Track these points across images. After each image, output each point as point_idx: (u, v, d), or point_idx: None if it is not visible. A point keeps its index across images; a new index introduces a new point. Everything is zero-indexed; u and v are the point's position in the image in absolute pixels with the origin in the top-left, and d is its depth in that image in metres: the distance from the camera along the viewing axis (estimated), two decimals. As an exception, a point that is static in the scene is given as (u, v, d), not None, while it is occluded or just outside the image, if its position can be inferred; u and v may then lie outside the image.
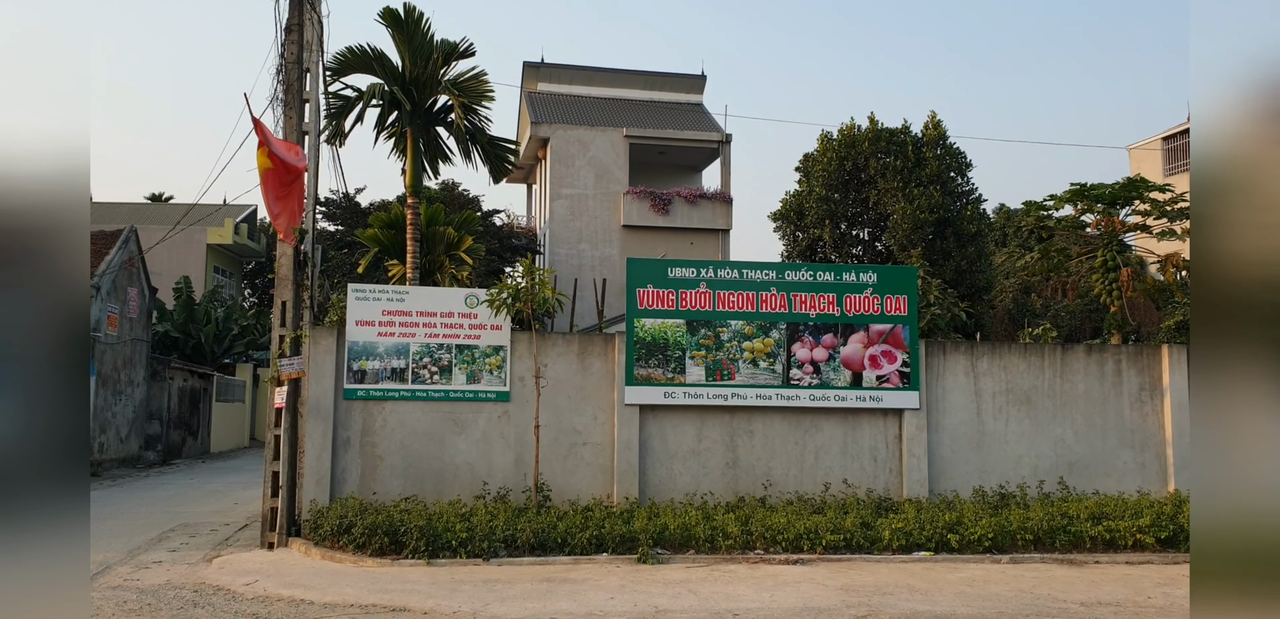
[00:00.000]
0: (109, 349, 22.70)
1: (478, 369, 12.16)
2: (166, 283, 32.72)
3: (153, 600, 8.14)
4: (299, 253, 11.72)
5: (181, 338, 29.75)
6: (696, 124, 34.17)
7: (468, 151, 15.62)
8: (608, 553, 10.21)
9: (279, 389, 11.58)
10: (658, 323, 12.46)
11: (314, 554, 10.47)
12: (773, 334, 12.72)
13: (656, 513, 11.27)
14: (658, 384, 12.37)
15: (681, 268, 12.69)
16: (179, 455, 27.01)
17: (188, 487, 19.17)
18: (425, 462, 11.94)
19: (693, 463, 12.46)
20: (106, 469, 22.03)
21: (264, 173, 10.59)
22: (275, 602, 8.23)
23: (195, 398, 28.79)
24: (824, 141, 28.44)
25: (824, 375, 12.73)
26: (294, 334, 11.69)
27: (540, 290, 12.04)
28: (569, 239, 31.10)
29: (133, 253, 24.28)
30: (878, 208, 26.64)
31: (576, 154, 31.88)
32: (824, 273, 13.06)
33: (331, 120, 14.25)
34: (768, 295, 12.74)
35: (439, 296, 12.40)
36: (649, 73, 36.89)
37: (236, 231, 39.48)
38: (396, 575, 9.34)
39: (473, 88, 14.83)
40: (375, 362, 11.93)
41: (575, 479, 12.16)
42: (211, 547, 11.29)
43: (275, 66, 11.42)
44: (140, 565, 9.91)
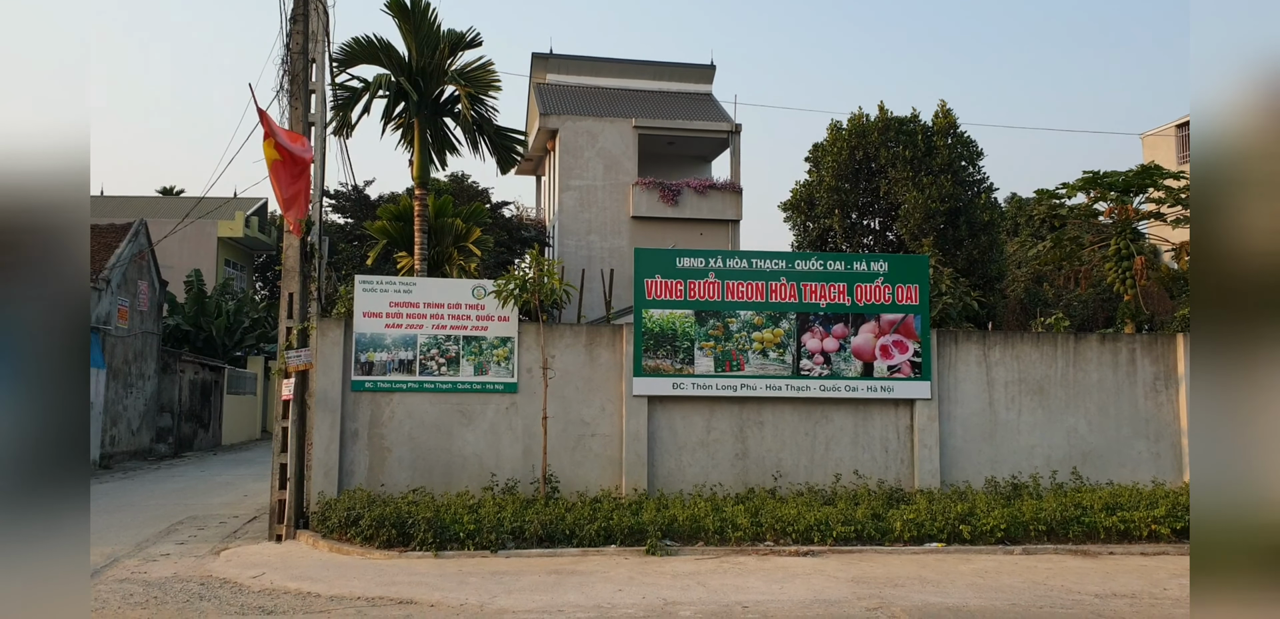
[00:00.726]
0: (120, 342, 22.77)
1: (485, 360, 12.10)
2: (178, 276, 32.85)
3: (159, 594, 8.12)
4: (306, 244, 11.67)
5: (193, 331, 29.85)
6: (706, 114, 34.02)
7: (475, 142, 15.55)
8: (616, 545, 10.15)
9: (286, 381, 11.55)
10: (666, 313, 12.37)
11: (322, 546, 10.44)
12: (783, 324, 12.61)
13: (665, 504, 11.19)
14: (666, 375, 12.29)
15: (690, 258, 12.59)
16: (190, 448, 27.11)
17: (198, 479, 19.22)
18: (433, 453, 11.90)
19: (702, 454, 12.37)
20: (118, 462, 22.12)
21: (272, 165, 10.54)
22: (281, 595, 8.20)
23: (206, 391, 28.89)
24: (833, 131, 28.33)
25: (835, 366, 12.62)
26: (301, 326, 11.65)
27: (548, 281, 11.97)
28: (578, 230, 31.02)
29: (142, 246, 24.34)
30: (888, 197, 26.49)
31: (585, 145, 31.79)
32: (834, 262, 12.94)
33: (338, 111, 14.20)
34: (777, 285, 12.63)
35: (446, 288, 12.35)
36: (658, 63, 36.78)
37: (247, 225, 39.59)
38: (404, 567, 9.30)
39: (479, 78, 14.74)
40: (383, 353, 11.89)
41: (583, 470, 12.10)
42: (219, 539, 11.28)
43: (280, 57, 11.37)
44: (147, 558, 9.90)
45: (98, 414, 20.98)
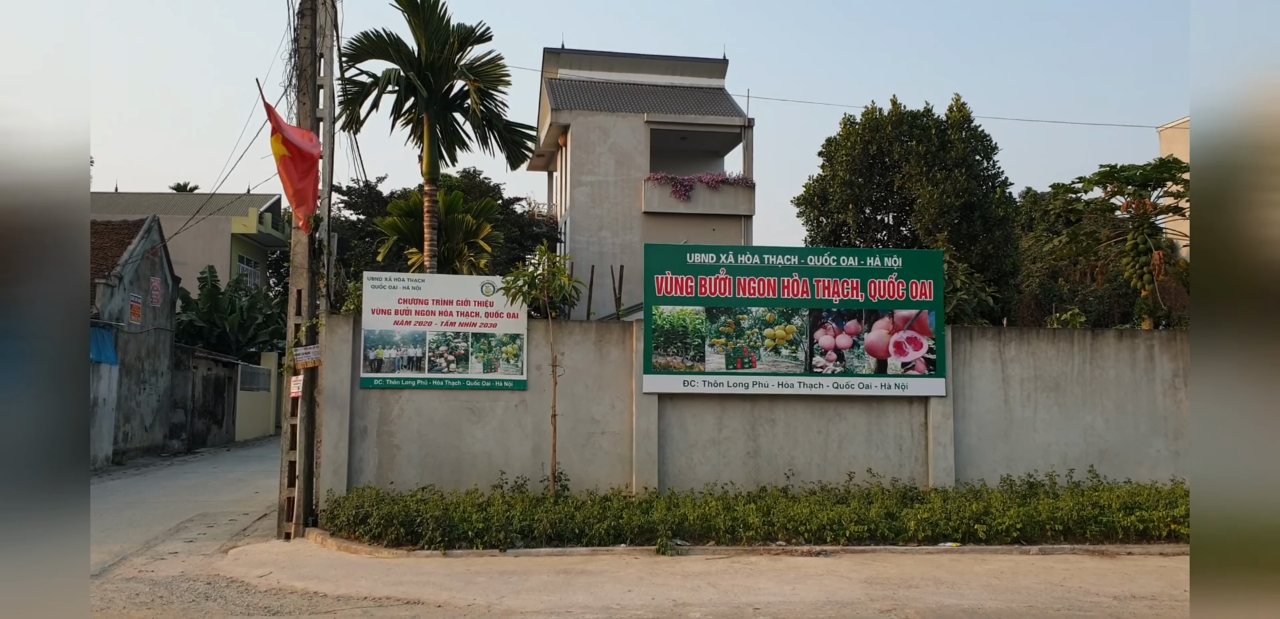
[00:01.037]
0: (132, 338, 22.83)
1: (494, 358, 12.02)
2: (191, 273, 32.93)
3: (165, 593, 8.08)
4: (314, 241, 11.62)
5: (206, 327, 29.93)
6: (718, 109, 33.85)
7: (485, 137, 15.46)
8: (626, 544, 10.04)
9: (295, 378, 11.51)
10: (677, 310, 12.25)
11: (330, 545, 10.39)
12: (795, 321, 12.47)
13: (676, 503, 11.08)
14: (677, 372, 12.17)
15: (701, 254, 12.46)
16: (204, 443, 27.20)
17: (210, 475, 19.26)
18: (443, 451, 11.83)
19: (713, 452, 12.25)
20: (131, 458, 22.19)
21: (280, 160, 10.48)
22: (288, 594, 8.14)
23: (220, 386, 28.98)
24: (847, 125, 28.20)
25: (848, 363, 12.47)
26: (310, 323, 11.60)
27: (557, 278, 11.87)
28: (590, 226, 30.91)
29: (155, 242, 24.40)
30: (902, 192, 26.31)
31: (597, 141, 31.67)
32: (847, 257, 12.79)
33: (347, 107, 14.13)
34: (790, 281, 12.49)
35: (455, 284, 12.27)
36: (670, 58, 36.59)
37: (260, 221, 39.68)
38: (412, 567, 9.23)
39: (489, 72, 14.65)
40: (392, 350, 11.82)
41: (593, 468, 12.01)
42: (228, 537, 11.25)
43: (288, 51, 11.31)
44: (156, 557, 9.87)
45: (111, 411, 21.05)
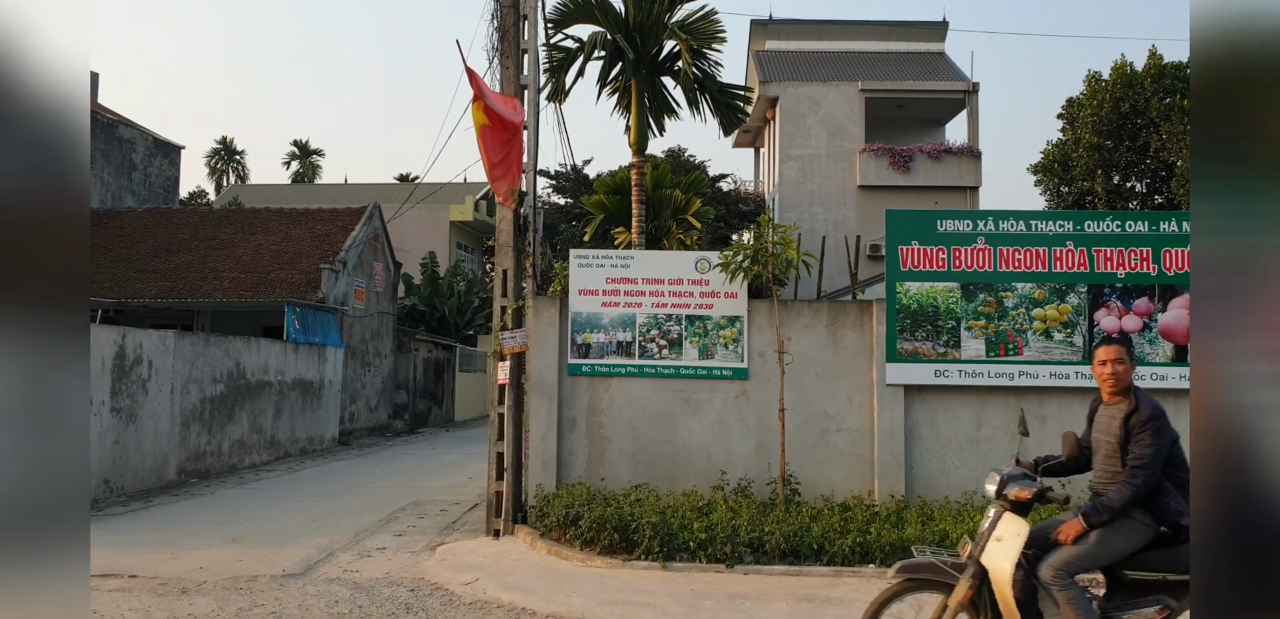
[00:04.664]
0: (356, 322, 23.63)
1: (711, 343, 10.76)
2: (413, 260, 34.27)
3: (365, 601, 7.41)
4: (519, 217, 10.83)
5: (427, 311, 30.94)
6: (938, 73, 31.10)
7: (695, 101, 14.21)
8: (875, 564, 8.45)
9: (502, 364, 10.77)
10: (925, 287, 10.45)
11: (539, 547, 9.53)
12: (1070, 299, 10.34)
13: (930, 515, 9.35)
14: (926, 360, 10.39)
15: (954, 220, 10.57)
16: (425, 423, 28.03)
17: (427, 457, 19.42)
18: (656, 445, 10.72)
19: (971, 454, 10.37)
20: (356, 438, 22.99)
21: (480, 130, 9.70)
22: (494, 609, 7.25)
23: (439, 368, 29.81)
24: (1092, 83, 25.21)
25: (1137, 349, 10.18)
26: (516, 305, 10.84)
27: (783, 250, 10.38)
28: (800, 202, 29.18)
29: (376, 229, 25.20)
30: (1160, 156, 22.89)
31: (807, 112, 29.87)
32: (1135, 222, 10.48)
33: (552, 75, 13.34)
34: (1062, 252, 10.36)
35: (666, 261, 11.11)
36: (885, 23, 34.14)
37: (476, 208, 40.89)
38: (628, 581, 8.12)
39: (701, 29, 13.37)
40: (599, 334, 10.84)
41: (827, 471, 10.48)
42: (438, 530, 10.72)
43: (490, 12, 10.54)
44: (363, 553, 9.40)
45: (337, 392, 21.82)
